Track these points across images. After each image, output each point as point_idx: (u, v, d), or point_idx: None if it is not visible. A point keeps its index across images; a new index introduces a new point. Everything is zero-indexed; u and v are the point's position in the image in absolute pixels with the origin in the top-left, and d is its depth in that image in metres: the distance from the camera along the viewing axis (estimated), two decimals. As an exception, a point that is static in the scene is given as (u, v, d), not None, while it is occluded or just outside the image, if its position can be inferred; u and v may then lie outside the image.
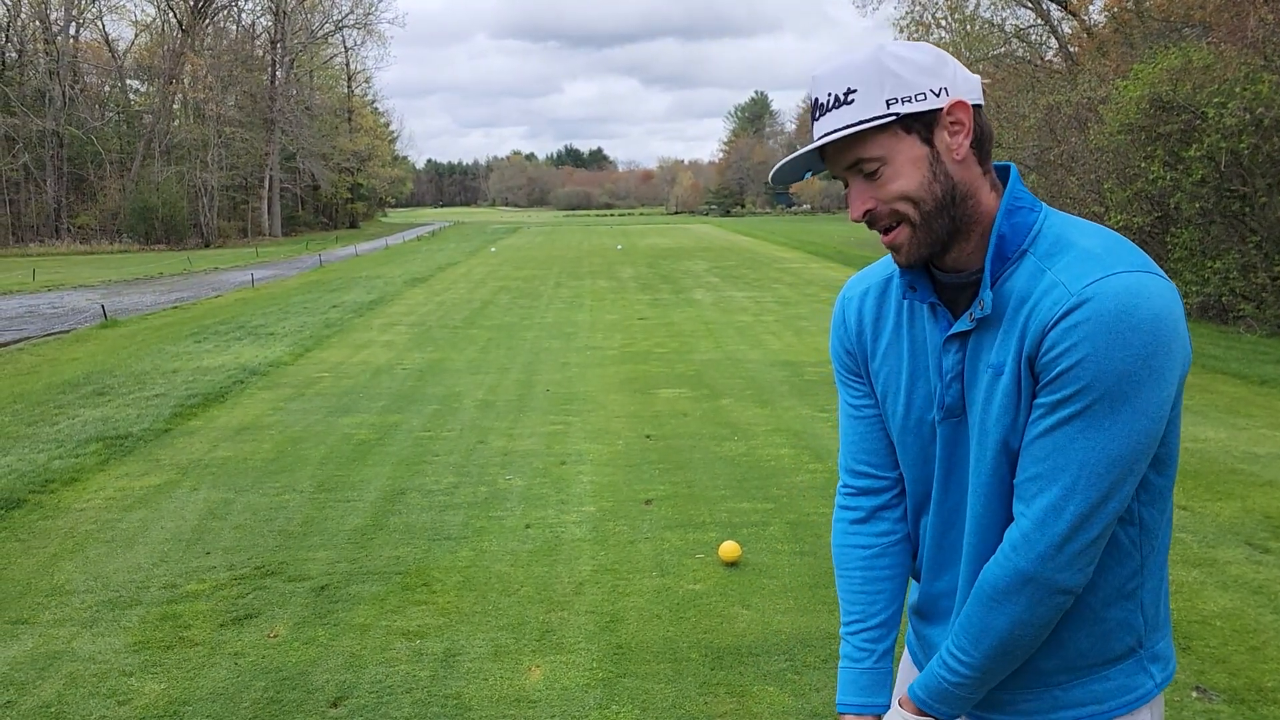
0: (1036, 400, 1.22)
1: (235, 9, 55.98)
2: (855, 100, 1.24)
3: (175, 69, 48.68)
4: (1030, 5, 26.42)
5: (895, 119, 1.24)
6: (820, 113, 1.28)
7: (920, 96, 1.23)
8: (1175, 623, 3.70)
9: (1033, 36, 27.51)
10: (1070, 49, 25.37)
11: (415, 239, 48.00)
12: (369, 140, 67.63)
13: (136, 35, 53.03)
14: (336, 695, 3.39)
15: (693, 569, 4.49)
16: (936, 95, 1.24)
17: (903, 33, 27.11)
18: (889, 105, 1.23)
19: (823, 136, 1.27)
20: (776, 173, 1.35)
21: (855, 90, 1.24)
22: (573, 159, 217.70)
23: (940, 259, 1.31)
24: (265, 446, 6.96)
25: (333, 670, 3.57)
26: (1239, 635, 3.69)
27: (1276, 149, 11.58)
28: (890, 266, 1.44)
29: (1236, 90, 11.57)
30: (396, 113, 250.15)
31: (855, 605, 1.49)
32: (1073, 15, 25.43)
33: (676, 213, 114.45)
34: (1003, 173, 1.33)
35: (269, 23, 58.09)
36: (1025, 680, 1.34)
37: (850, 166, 1.28)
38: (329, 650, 3.73)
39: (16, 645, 3.84)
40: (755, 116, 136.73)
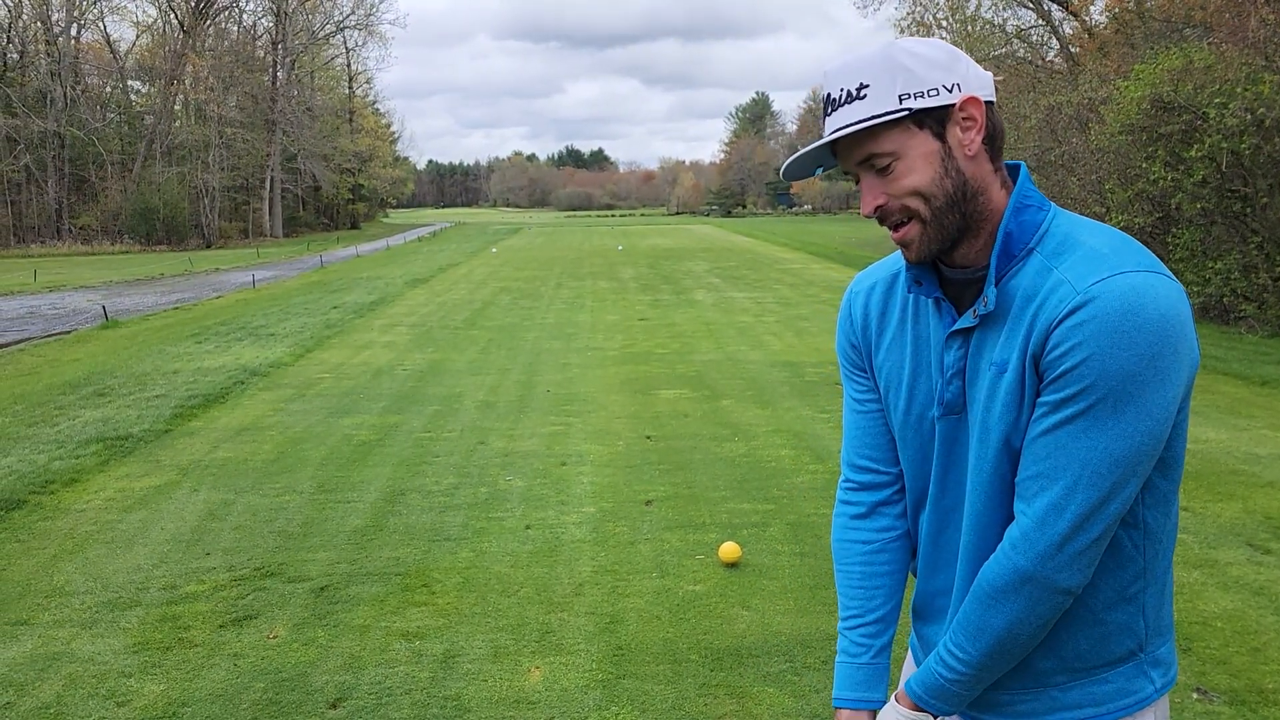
0: (1040, 398, 1.21)
1: (236, 10, 56.12)
2: (868, 95, 1.23)
3: (176, 70, 48.73)
4: (1031, 6, 26.42)
5: (908, 114, 1.23)
6: (832, 108, 1.27)
7: (933, 92, 1.23)
8: (1176, 624, 3.69)
9: (1034, 37, 27.52)
10: (1071, 49, 25.34)
11: (416, 240, 48.04)
12: (370, 141, 67.75)
13: (138, 36, 53.20)
14: (336, 696, 3.39)
15: (693, 570, 4.48)
16: (949, 91, 1.23)
17: (904, 33, 27.09)
18: (901, 100, 1.22)
19: (835, 131, 1.25)
20: (788, 168, 1.35)
21: (868, 85, 1.23)
22: (574, 159, 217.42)
23: (949, 255, 1.31)
24: (265, 447, 6.96)
25: (332, 671, 3.56)
26: (1240, 636, 3.69)
27: (1278, 149, 11.57)
28: (898, 262, 1.44)
29: (1238, 91, 11.56)
30: (398, 113, 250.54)
31: (854, 600, 1.49)
32: (1074, 16, 25.41)
33: (677, 213, 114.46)
34: (1013, 171, 1.32)
35: (270, 24, 58.25)
36: (1023, 680, 1.33)
37: (862, 162, 1.28)
38: (328, 651, 3.73)
39: (16, 646, 3.84)
40: (756, 117, 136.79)
